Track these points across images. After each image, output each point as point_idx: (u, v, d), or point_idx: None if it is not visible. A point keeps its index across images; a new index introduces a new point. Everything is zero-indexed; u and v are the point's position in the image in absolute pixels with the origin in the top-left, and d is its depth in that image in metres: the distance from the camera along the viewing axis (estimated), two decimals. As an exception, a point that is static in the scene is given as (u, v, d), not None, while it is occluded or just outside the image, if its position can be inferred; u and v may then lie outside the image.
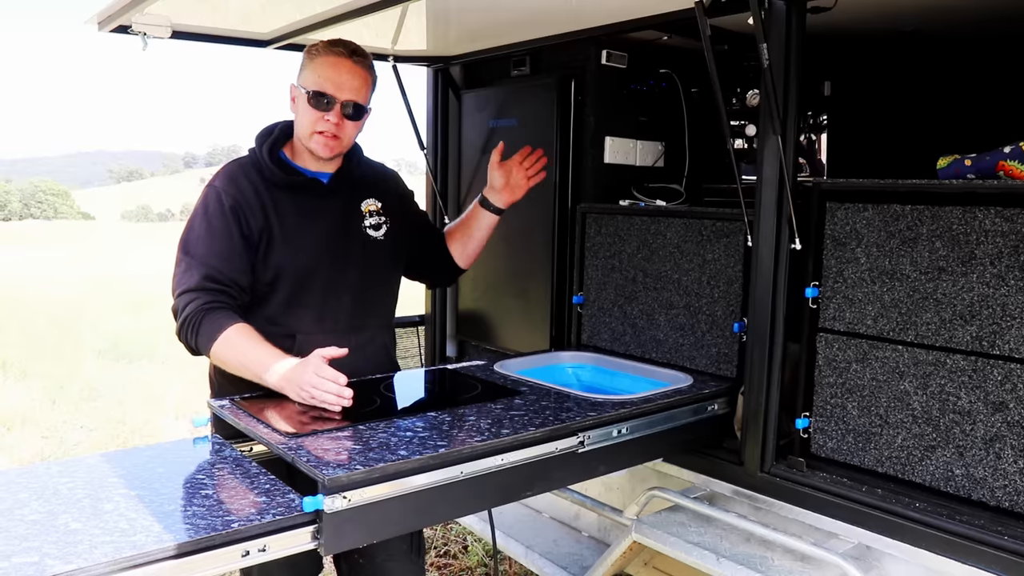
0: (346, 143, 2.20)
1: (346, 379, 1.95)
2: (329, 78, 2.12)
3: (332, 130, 2.14)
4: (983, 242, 1.83)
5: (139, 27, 2.53)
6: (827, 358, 2.13)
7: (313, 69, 2.14)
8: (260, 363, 2.02)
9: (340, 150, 2.20)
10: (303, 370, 1.95)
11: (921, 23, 2.61)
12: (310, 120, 2.14)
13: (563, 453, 1.93)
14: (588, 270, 2.96)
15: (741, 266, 2.43)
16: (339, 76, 2.12)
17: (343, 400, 1.93)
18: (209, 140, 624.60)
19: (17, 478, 1.68)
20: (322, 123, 2.13)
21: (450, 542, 3.98)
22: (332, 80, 2.12)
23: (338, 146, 2.17)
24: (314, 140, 2.15)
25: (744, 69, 2.76)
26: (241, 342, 2.03)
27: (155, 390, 7.30)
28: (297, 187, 2.20)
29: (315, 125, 2.13)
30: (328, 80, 2.12)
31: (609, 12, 2.60)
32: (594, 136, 3.03)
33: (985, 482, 1.83)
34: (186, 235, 2.16)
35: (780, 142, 2.08)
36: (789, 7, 2.06)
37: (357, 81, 2.15)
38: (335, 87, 2.12)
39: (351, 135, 2.21)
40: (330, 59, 2.13)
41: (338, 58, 2.13)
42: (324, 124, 2.13)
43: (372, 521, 1.62)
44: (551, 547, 2.82)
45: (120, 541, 1.38)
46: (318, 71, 2.13)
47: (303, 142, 2.18)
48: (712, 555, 2.07)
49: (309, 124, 2.14)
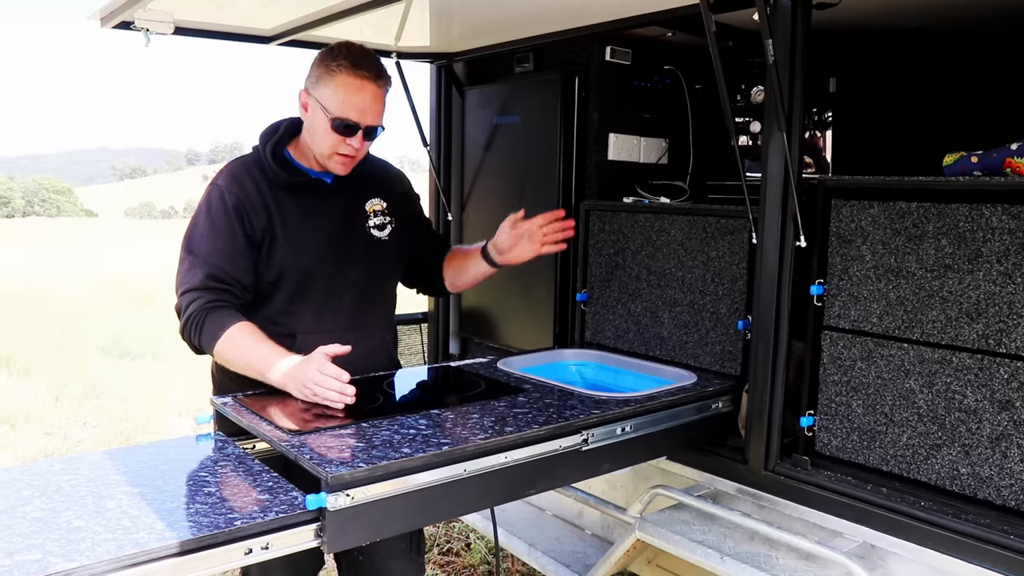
0: (360, 158, 2.19)
1: (348, 376, 1.95)
2: (354, 105, 2.06)
3: (353, 153, 2.12)
4: (990, 239, 1.82)
5: (141, 23, 2.53)
6: (832, 356, 2.12)
7: (336, 89, 2.05)
8: (263, 361, 2.01)
9: (354, 165, 2.19)
10: (306, 367, 1.95)
11: (925, 19, 2.60)
12: (332, 142, 2.09)
13: (567, 451, 1.92)
14: (592, 267, 2.95)
15: (745, 263, 2.42)
16: (364, 102, 2.06)
17: (345, 397, 1.93)
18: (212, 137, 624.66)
19: (20, 475, 1.67)
20: (344, 146, 2.10)
21: (452, 539, 3.97)
22: (357, 108, 2.06)
23: (353, 163, 2.17)
24: (333, 160, 2.13)
25: (748, 65, 2.75)
26: (244, 340, 2.03)
27: (158, 387, 7.30)
28: (300, 187, 2.19)
29: (337, 148, 2.10)
30: (353, 108, 2.06)
31: (613, 8, 2.59)
32: (598, 133, 3.02)
33: (991, 481, 1.82)
34: (189, 233, 2.15)
35: (785, 139, 2.07)
36: (794, 3, 2.05)
37: (380, 105, 2.11)
38: (360, 114, 2.07)
39: (365, 151, 2.20)
40: (355, 82, 2.05)
41: (363, 82, 2.05)
42: (346, 147, 2.10)
43: (375, 519, 1.61)
44: (554, 545, 2.81)
45: (123, 539, 1.38)
46: (342, 95, 2.05)
47: (320, 159, 2.15)
48: (716, 553, 2.07)
49: (330, 146, 2.10)
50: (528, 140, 3.19)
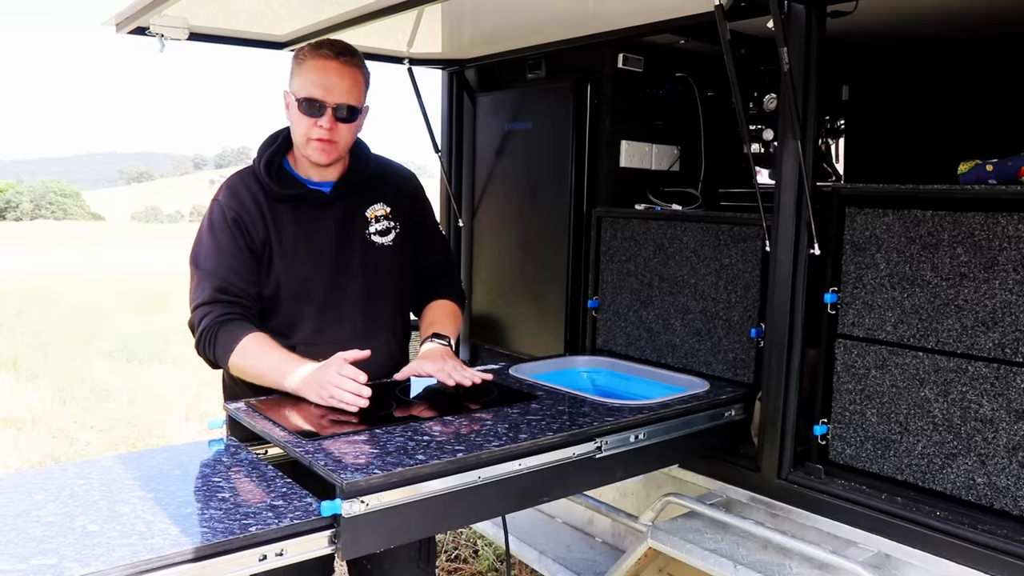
0: (343, 146, 2.15)
1: (366, 377, 1.95)
2: (318, 83, 2.06)
3: (326, 135, 2.09)
4: (1006, 248, 1.81)
5: (157, 29, 2.54)
6: (846, 364, 2.11)
7: (301, 74, 2.08)
8: (277, 369, 2.02)
9: (338, 154, 2.15)
10: (325, 370, 1.95)
11: (940, 27, 2.60)
12: (303, 128, 2.09)
13: (581, 458, 1.92)
14: (603, 274, 2.94)
15: (759, 271, 2.41)
16: (327, 80, 2.06)
17: (360, 400, 1.93)
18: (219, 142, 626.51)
19: (33, 479, 1.67)
20: (315, 129, 2.08)
21: (460, 546, 3.96)
22: (321, 84, 2.06)
23: (335, 151, 2.13)
24: (310, 147, 2.11)
25: (761, 73, 2.75)
26: (258, 349, 2.04)
27: (165, 391, 7.31)
28: (296, 198, 2.17)
29: (309, 132, 2.09)
30: (317, 85, 2.06)
31: (626, 16, 2.60)
32: (610, 140, 3.02)
33: (1008, 491, 1.81)
34: (195, 250, 2.17)
35: (799, 146, 2.07)
36: (809, 11, 2.05)
37: (347, 82, 2.09)
38: (324, 91, 2.06)
39: (347, 138, 2.15)
40: (317, 63, 2.07)
41: (325, 61, 2.07)
42: (317, 131, 2.08)
43: (389, 526, 1.61)
44: (564, 552, 2.81)
45: (137, 544, 1.38)
46: (306, 76, 2.07)
47: (300, 150, 2.15)
48: (729, 562, 2.06)
49: (303, 132, 2.10)
50: (540, 147, 3.19)
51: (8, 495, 1.57)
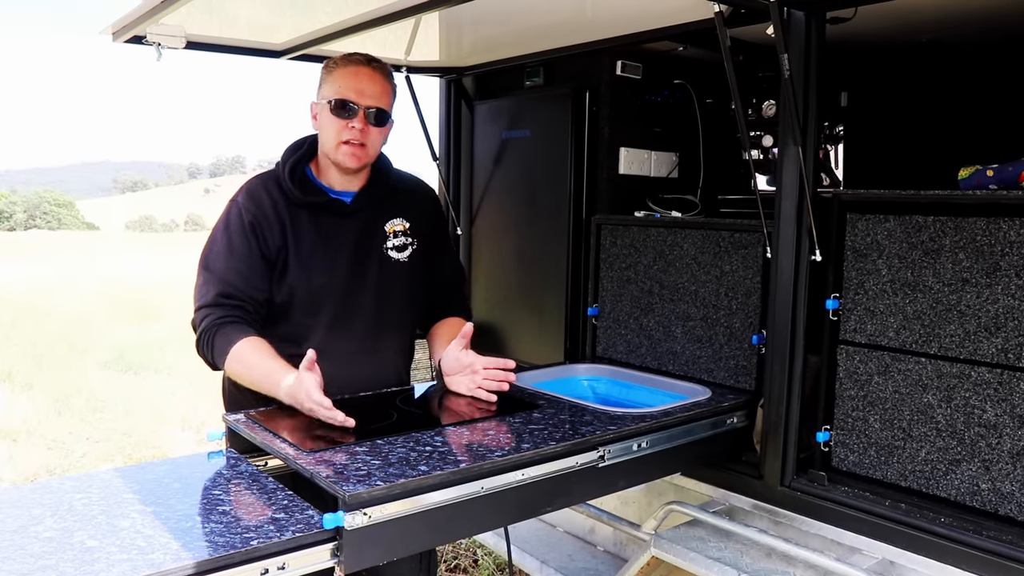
0: (372, 152, 2.17)
1: (331, 403, 1.88)
2: (350, 86, 2.11)
3: (358, 137, 2.10)
4: (1008, 253, 1.81)
5: (154, 37, 2.53)
6: (848, 370, 2.11)
7: (333, 81, 2.13)
8: (268, 377, 2.00)
9: (367, 160, 2.17)
10: (298, 389, 1.91)
11: (939, 33, 2.60)
12: (335, 130, 2.11)
13: (584, 467, 1.90)
14: (603, 282, 2.94)
15: (759, 278, 2.41)
16: (359, 83, 2.11)
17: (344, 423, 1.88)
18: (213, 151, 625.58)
19: (31, 493, 1.66)
20: (347, 131, 2.10)
21: (460, 556, 3.94)
22: (353, 88, 2.10)
23: (364, 155, 2.14)
24: (341, 151, 2.12)
25: (759, 80, 2.75)
26: (251, 355, 2.02)
27: (161, 401, 7.28)
28: (317, 206, 2.17)
29: (340, 135, 2.10)
30: (349, 88, 2.10)
31: (624, 23, 2.59)
32: (609, 147, 3.02)
33: (1012, 497, 1.80)
34: (207, 250, 2.15)
35: (800, 152, 2.07)
36: (809, 18, 2.05)
37: (377, 87, 2.14)
38: (357, 94, 2.10)
39: (377, 143, 2.17)
40: (349, 68, 2.13)
41: (357, 67, 2.13)
42: (349, 132, 2.10)
43: (392, 538, 1.59)
44: (566, 562, 2.79)
45: (137, 559, 1.36)
46: (338, 81, 2.12)
47: (330, 156, 2.15)
48: (733, 570, 2.05)
49: (334, 134, 2.11)
50: (538, 154, 3.19)
51: (5, 510, 1.55)
